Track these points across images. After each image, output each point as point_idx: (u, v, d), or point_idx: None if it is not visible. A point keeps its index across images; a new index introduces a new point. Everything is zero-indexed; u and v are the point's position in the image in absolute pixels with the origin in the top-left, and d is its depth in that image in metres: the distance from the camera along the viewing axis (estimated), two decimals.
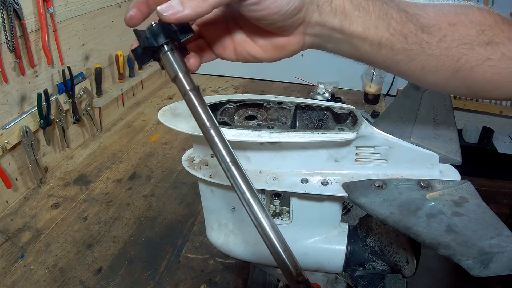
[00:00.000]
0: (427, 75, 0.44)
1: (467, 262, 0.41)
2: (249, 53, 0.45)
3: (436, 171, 0.56)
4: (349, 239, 0.63)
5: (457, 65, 0.42)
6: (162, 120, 0.60)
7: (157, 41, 0.41)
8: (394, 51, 0.42)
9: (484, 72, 0.43)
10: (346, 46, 0.43)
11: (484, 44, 0.42)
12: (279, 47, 0.42)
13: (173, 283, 1.02)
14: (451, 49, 0.42)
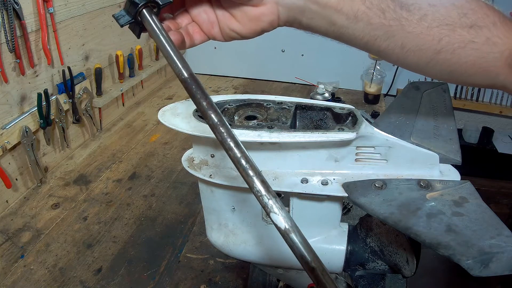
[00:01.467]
0: (408, 53, 0.43)
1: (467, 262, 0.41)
2: (231, 28, 0.46)
3: (436, 171, 0.56)
4: (349, 239, 0.63)
5: (438, 46, 0.42)
6: (162, 120, 0.60)
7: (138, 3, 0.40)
8: (372, 26, 0.41)
9: (467, 56, 0.42)
10: (321, 20, 0.42)
11: (466, 27, 0.41)
12: (254, 19, 0.43)
13: (173, 283, 1.02)
14: (431, 28, 0.41)
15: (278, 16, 0.42)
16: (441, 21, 0.41)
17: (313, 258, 0.32)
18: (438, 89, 0.74)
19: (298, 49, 2.22)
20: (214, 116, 0.33)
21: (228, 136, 0.33)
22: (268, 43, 2.24)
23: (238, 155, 0.33)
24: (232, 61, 2.33)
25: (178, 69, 0.35)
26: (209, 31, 0.48)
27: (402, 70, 2.11)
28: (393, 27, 0.41)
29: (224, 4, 0.46)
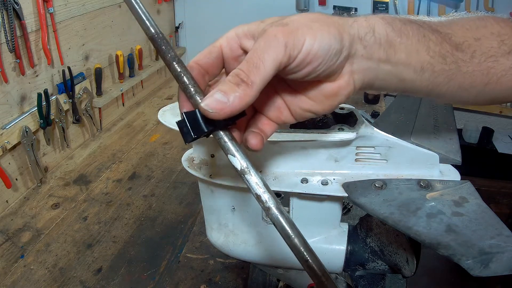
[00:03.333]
0: (462, 93, 0.44)
1: (467, 262, 0.41)
2: (304, 109, 0.42)
3: (436, 171, 0.56)
4: (349, 239, 0.63)
5: (486, 78, 0.43)
6: (162, 120, 0.60)
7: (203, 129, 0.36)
8: (435, 73, 0.41)
9: (508, 81, 0.43)
10: (392, 79, 0.41)
11: (506, 54, 0.43)
12: (331, 95, 0.39)
13: (173, 283, 1.02)
14: (481, 63, 0.42)
15: (354, 86, 0.40)
16: (487, 54, 0.42)
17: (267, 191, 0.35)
18: None
19: None
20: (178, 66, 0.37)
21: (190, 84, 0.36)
22: None
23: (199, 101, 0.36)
24: None
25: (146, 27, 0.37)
26: (278, 118, 0.43)
27: None
28: (452, 70, 0.42)
29: (293, 85, 0.41)
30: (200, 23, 2.30)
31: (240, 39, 0.39)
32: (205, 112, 0.34)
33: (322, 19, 0.37)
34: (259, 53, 0.35)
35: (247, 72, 0.34)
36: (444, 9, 1.97)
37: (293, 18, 0.37)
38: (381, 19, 0.39)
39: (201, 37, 2.33)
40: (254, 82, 0.34)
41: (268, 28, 0.36)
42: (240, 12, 2.21)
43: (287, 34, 0.35)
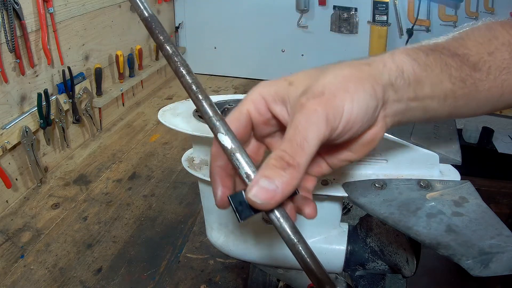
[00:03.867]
0: (478, 109, 0.45)
1: (467, 262, 0.41)
2: (342, 159, 0.42)
3: (436, 171, 0.56)
4: (349, 239, 0.63)
5: (501, 90, 0.43)
6: (162, 120, 0.60)
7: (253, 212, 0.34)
8: (456, 99, 0.42)
9: None
10: (418, 112, 0.41)
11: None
12: (368, 143, 0.39)
13: (173, 283, 1.02)
14: (496, 78, 0.42)
15: (386, 128, 0.40)
16: (500, 67, 0.42)
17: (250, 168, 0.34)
18: None
19: (298, 49, 2.22)
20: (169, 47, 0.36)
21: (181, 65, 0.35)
22: (268, 43, 2.24)
23: (190, 81, 0.35)
24: (232, 61, 2.33)
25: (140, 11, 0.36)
26: (318, 172, 0.42)
27: None
28: (471, 92, 0.42)
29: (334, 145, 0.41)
30: (200, 23, 2.30)
31: (268, 103, 0.38)
32: (255, 204, 0.33)
33: (356, 76, 0.36)
34: (302, 132, 0.33)
35: (292, 154, 0.33)
36: (444, 9, 1.97)
37: (326, 81, 0.36)
38: (407, 56, 0.39)
39: (201, 37, 2.33)
40: (300, 164, 0.33)
41: (306, 102, 0.34)
42: (240, 12, 2.21)
43: (326, 106, 0.34)
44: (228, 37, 2.28)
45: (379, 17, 1.96)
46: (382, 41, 2.01)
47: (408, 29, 2.02)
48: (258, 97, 0.38)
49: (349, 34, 2.12)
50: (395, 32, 2.05)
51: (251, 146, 0.41)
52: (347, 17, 2.08)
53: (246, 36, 2.26)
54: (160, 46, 0.36)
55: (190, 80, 0.35)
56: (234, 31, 2.26)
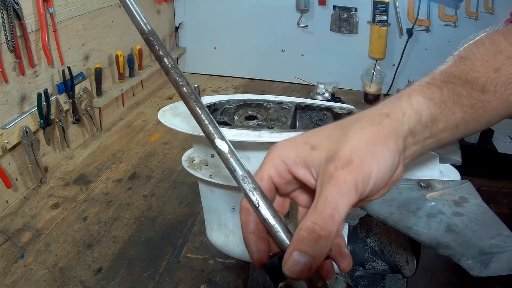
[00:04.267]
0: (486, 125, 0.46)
1: (467, 262, 0.41)
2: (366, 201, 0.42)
3: (436, 171, 0.56)
4: (349, 239, 0.63)
5: (507, 104, 0.44)
6: (162, 120, 0.60)
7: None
8: (467, 124, 0.43)
9: None
10: (433, 145, 0.43)
11: None
12: (390, 184, 0.40)
13: (173, 283, 1.02)
14: (502, 95, 0.43)
15: (404, 167, 0.41)
16: (506, 82, 0.43)
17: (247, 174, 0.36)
18: None
19: (298, 49, 2.22)
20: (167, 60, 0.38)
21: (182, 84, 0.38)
22: (268, 43, 2.24)
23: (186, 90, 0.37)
24: (232, 61, 2.33)
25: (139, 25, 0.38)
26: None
27: (402, 70, 2.11)
28: (480, 114, 0.43)
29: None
30: (200, 23, 2.30)
31: (290, 167, 0.38)
32: (291, 277, 0.34)
33: (380, 135, 0.37)
34: (332, 203, 0.34)
35: (323, 225, 0.34)
36: (444, 9, 1.97)
37: (353, 146, 0.36)
38: (423, 97, 0.40)
39: (201, 37, 2.33)
40: (331, 233, 0.34)
41: (334, 172, 0.35)
42: (240, 12, 2.21)
43: (355, 175, 0.35)
44: (228, 37, 2.28)
45: (379, 17, 1.96)
46: (382, 41, 2.00)
47: (408, 29, 2.02)
48: (279, 161, 0.38)
49: (349, 34, 2.12)
50: (395, 32, 2.05)
51: (276, 201, 0.41)
52: (347, 17, 2.08)
53: (246, 36, 2.25)
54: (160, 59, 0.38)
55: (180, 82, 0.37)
56: (234, 31, 2.26)
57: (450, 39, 2.01)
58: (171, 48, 2.25)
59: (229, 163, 0.37)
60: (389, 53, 2.06)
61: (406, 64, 2.09)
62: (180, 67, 2.54)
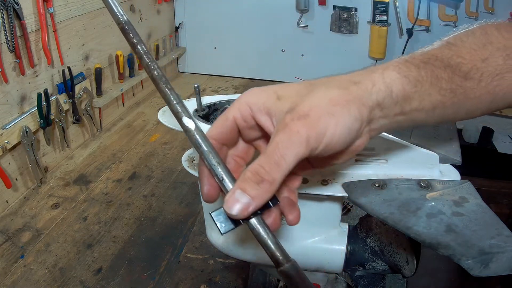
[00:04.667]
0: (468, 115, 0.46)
1: (467, 262, 0.41)
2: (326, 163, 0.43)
3: (436, 171, 0.56)
4: (349, 239, 0.63)
5: (492, 96, 0.44)
6: (162, 120, 0.60)
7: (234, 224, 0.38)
8: (445, 109, 0.43)
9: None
10: (406, 123, 0.43)
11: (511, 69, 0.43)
12: (351, 152, 0.41)
13: (173, 283, 1.02)
14: (487, 85, 0.43)
15: (370, 138, 0.42)
16: (493, 74, 0.43)
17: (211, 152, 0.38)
18: None
19: (298, 49, 2.22)
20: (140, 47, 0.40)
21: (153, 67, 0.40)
22: (268, 43, 2.24)
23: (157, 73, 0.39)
24: (232, 61, 2.33)
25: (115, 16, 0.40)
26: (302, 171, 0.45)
27: None
28: (461, 101, 0.43)
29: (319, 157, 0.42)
30: (200, 23, 2.30)
31: (254, 112, 0.39)
32: (230, 215, 0.35)
33: (343, 98, 0.37)
34: (281, 150, 0.35)
35: (268, 170, 0.35)
36: (444, 9, 1.97)
37: (313, 102, 0.37)
38: (398, 73, 0.40)
39: (201, 37, 2.33)
40: (274, 179, 0.35)
41: (289, 122, 0.36)
42: (240, 12, 2.21)
43: (309, 128, 0.35)
44: (228, 37, 2.28)
45: (379, 17, 1.96)
46: (382, 41, 2.00)
47: (408, 29, 2.02)
48: (245, 106, 0.39)
49: (349, 34, 2.12)
50: (395, 32, 2.05)
51: (240, 147, 0.43)
52: (347, 17, 2.08)
53: (246, 36, 2.25)
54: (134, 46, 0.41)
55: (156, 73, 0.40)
56: (234, 31, 2.26)
57: None
58: (171, 48, 2.25)
59: (195, 139, 0.39)
60: (389, 53, 2.06)
61: None
62: (180, 67, 2.54)
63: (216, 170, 0.38)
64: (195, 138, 0.39)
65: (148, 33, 2.02)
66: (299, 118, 0.36)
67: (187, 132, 0.40)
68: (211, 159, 0.38)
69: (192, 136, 0.40)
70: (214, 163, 0.38)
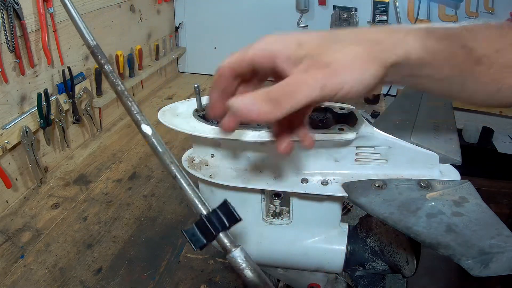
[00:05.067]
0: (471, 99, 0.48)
1: (467, 262, 0.41)
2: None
3: (436, 171, 0.56)
4: (349, 239, 0.63)
5: (498, 86, 0.45)
6: (162, 120, 0.60)
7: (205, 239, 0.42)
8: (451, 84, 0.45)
9: None
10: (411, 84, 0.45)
11: None
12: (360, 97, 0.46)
13: (173, 283, 1.02)
14: (495, 73, 0.44)
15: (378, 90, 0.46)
16: (503, 65, 0.44)
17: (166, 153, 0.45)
18: None
19: None
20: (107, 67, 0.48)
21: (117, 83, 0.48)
22: None
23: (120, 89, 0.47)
24: None
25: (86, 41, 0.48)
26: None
27: None
28: (468, 81, 0.45)
29: None
30: (200, 23, 2.30)
31: (274, 56, 0.40)
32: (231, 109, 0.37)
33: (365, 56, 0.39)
34: (297, 85, 0.37)
35: (279, 95, 0.36)
36: (444, 9, 1.97)
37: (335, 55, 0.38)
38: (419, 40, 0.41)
39: (201, 37, 2.33)
40: (282, 107, 0.36)
41: (309, 68, 0.37)
42: (240, 12, 2.21)
43: (327, 78, 0.37)
44: (228, 37, 2.28)
45: (379, 17, 1.96)
46: None
47: None
48: (265, 47, 0.42)
49: None
50: None
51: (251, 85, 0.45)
52: (347, 17, 2.08)
53: (246, 36, 2.25)
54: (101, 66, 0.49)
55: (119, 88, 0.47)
56: (234, 31, 2.26)
57: None
58: (171, 48, 2.25)
59: (153, 143, 0.47)
60: None
61: None
62: (180, 67, 2.54)
63: (169, 169, 0.43)
64: (152, 141, 0.47)
65: (148, 33, 2.02)
66: (319, 67, 0.37)
67: (145, 137, 0.47)
68: (165, 159, 0.44)
69: (150, 140, 0.47)
70: (168, 162, 0.44)
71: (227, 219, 0.41)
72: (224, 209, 0.42)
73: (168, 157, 0.43)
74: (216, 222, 0.41)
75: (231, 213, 0.42)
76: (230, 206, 0.42)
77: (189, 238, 0.41)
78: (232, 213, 0.41)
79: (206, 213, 0.42)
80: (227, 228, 0.41)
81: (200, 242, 0.41)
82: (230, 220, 0.41)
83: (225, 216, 0.42)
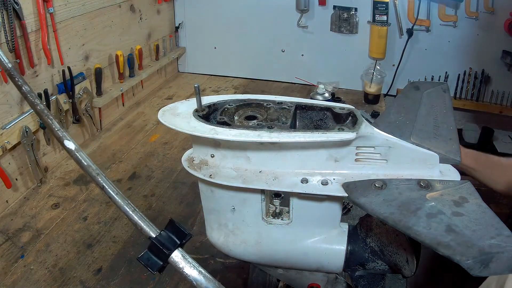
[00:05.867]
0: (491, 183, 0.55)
1: (467, 262, 0.41)
2: None
3: (436, 171, 0.56)
4: (349, 239, 0.63)
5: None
6: (162, 120, 0.60)
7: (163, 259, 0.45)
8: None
9: None
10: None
11: None
12: None
13: (173, 283, 1.02)
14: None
15: None
16: None
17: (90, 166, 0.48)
18: (438, 89, 0.74)
19: (298, 49, 2.22)
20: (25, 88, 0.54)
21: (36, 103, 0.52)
22: (268, 43, 2.24)
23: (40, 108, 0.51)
24: (232, 61, 2.33)
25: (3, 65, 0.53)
26: None
27: (402, 70, 2.11)
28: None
29: None
30: (200, 23, 2.30)
31: None
32: None
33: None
34: None
35: None
36: (444, 9, 1.97)
37: None
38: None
39: (201, 37, 2.33)
40: None
41: None
42: (240, 12, 2.21)
43: None
44: (228, 37, 2.28)
45: (379, 17, 1.96)
46: (382, 41, 2.00)
47: (408, 29, 2.02)
48: None
49: (349, 34, 2.12)
50: (395, 32, 2.05)
51: None
52: (347, 17, 2.08)
53: (246, 36, 2.25)
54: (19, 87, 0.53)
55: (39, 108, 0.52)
56: (234, 31, 2.26)
57: (450, 39, 2.01)
58: (171, 48, 2.25)
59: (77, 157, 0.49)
60: (389, 53, 2.06)
61: (406, 64, 2.09)
62: (180, 67, 2.54)
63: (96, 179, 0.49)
64: (76, 156, 0.50)
65: (148, 33, 2.02)
66: None
67: (69, 152, 0.50)
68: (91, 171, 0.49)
69: (74, 154, 0.50)
70: (94, 174, 0.49)
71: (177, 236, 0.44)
72: (171, 228, 0.45)
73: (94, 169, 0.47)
74: (167, 242, 0.44)
75: (179, 230, 0.44)
76: (176, 224, 0.45)
77: (145, 264, 0.44)
78: (180, 231, 0.44)
79: (155, 235, 0.45)
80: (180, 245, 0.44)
81: (157, 265, 0.44)
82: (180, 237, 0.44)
83: (174, 234, 0.44)
